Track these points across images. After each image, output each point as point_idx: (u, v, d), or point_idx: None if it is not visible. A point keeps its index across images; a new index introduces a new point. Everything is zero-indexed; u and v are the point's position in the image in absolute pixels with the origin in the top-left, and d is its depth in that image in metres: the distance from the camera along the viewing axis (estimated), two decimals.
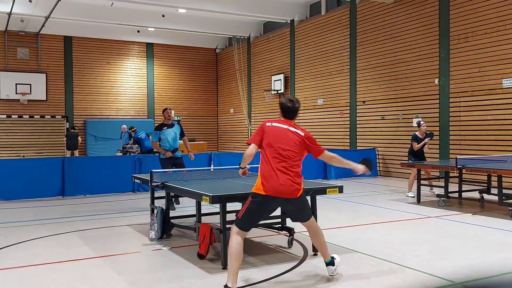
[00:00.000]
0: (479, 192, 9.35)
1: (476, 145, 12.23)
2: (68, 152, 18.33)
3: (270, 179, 4.41)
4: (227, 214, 5.20)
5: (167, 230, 6.53)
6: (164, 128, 9.03)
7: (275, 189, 4.39)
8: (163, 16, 19.76)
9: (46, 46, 21.39)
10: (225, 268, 4.90)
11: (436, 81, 13.22)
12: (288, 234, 6.00)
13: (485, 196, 9.39)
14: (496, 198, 8.31)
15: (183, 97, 24.44)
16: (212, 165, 12.06)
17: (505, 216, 7.84)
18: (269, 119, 4.77)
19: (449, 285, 4.59)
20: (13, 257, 5.64)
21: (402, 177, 13.79)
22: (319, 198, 6.87)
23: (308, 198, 5.00)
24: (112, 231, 7.11)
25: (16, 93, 20.48)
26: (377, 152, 14.97)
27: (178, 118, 23.88)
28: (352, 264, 5.17)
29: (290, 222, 5.86)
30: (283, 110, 4.67)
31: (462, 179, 9.07)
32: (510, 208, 7.93)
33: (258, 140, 4.59)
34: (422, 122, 10.46)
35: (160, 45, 23.73)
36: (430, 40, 13.44)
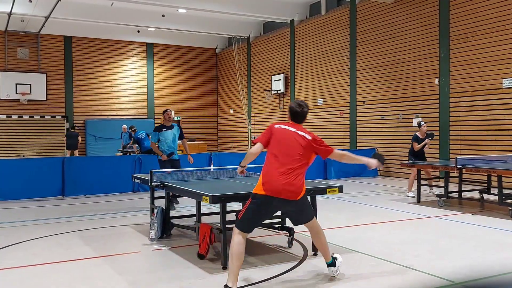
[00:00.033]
0: (479, 192, 9.35)
1: (476, 145, 12.23)
2: (67, 152, 18.24)
3: (270, 180, 4.41)
4: (227, 214, 5.20)
5: (167, 230, 6.53)
6: (164, 129, 9.01)
7: (275, 190, 4.38)
8: (163, 16, 19.76)
9: (46, 46, 21.39)
10: (225, 268, 4.90)
11: (436, 81, 13.22)
12: (288, 234, 6.00)
13: (485, 196, 9.39)
14: (496, 198, 8.31)
15: (183, 97, 24.44)
16: (212, 165, 12.06)
17: (505, 216, 7.84)
18: (277, 122, 4.80)
19: (449, 285, 4.59)
20: (13, 257, 5.64)
21: (402, 177, 13.79)
22: (319, 198, 6.87)
23: (308, 198, 5.00)
24: (112, 231, 7.11)
25: (16, 93, 20.48)
26: (377, 152, 14.95)
27: (178, 118, 23.89)
28: (352, 264, 5.17)
29: (290, 222, 5.88)
30: (292, 114, 4.71)
31: (462, 179, 9.07)
32: (510, 208, 7.93)
33: (265, 141, 4.62)
34: (422, 123, 10.45)
35: (160, 45, 23.74)
36: (430, 40, 13.44)
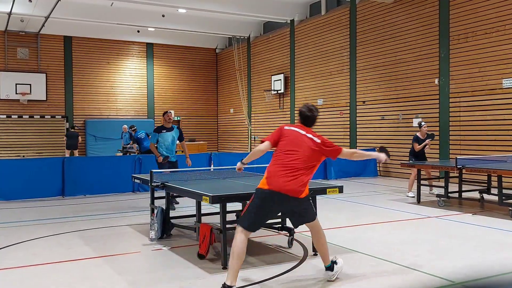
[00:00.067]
0: (479, 192, 9.35)
1: (476, 145, 12.24)
2: (67, 152, 18.17)
3: (274, 175, 4.46)
4: (227, 214, 5.20)
5: (167, 230, 6.53)
6: (163, 131, 9.00)
7: (278, 185, 4.41)
8: (163, 16, 19.76)
9: (46, 46, 21.39)
10: (225, 268, 4.90)
11: (436, 81, 13.22)
12: (288, 234, 6.00)
13: (485, 196, 9.38)
14: (496, 198, 8.31)
15: (183, 97, 24.44)
16: (212, 165, 12.06)
17: (505, 216, 7.84)
18: (287, 124, 4.85)
19: (449, 285, 4.59)
20: (13, 257, 5.64)
21: (402, 177, 13.80)
22: (319, 198, 6.87)
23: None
24: (112, 231, 7.11)
25: (16, 93, 20.48)
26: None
27: (178, 118, 23.90)
28: (352, 264, 5.16)
29: (291, 223, 5.88)
30: (302, 118, 4.81)
31: (462, 179, 9.07)
32: (510, 208, 7.93)
33: (274, 140, 4.67)
34: (423, 123, 10.44)
35: (160, 45, 23.74)
36: (430, 40, 13.44)
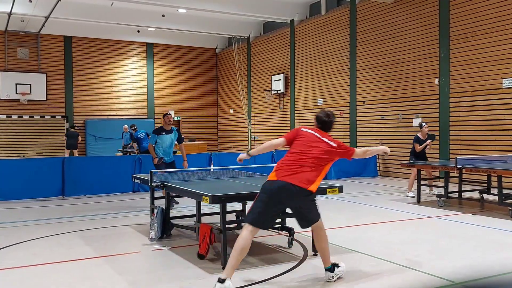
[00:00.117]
0: (479, 192, 9.35)
1: (476, 145, 12.24)
2: (67, 152, 18.13)
3: (280, 169, 4.55)
4: (227, 214, 5.20)
5: (167, 230, 6.53)
6: (162, 133, 9.00)
7: (284, 174, 4.48)
8: (163, 16, 19.76)
9: (46, 46, 21.39)
10: (225, 268, 4.89)
11: (436, 81, 13.22)
12: (288, 234, 6.00)
13: (485, 196, 9.38)
14: (496, 198, 8.31)
15: (183, 97, 24.44)
16: (212, 165, 12.06)
17: (505, 216, 7.84)
18: (305, 126, 4.94)
19: (449, 285, 4.59)
20: (14, 257, 5.64)
21: (402, 177, 13.80)
22: (319, 198, 6.85)
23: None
24: (112, 231, 7.12)
25: (16, 93, 20.48)
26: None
27: (178, 118, 23.91)
28: (352, 264, 5.16)
29: (290, 222, 5.88)
30: (320, 123, 4.88)
31: (462, 179, 9.07)
32: (510, 208, 7.93)
33: (289, 139, 4.77)
34: (424, 124, 10.43)
35: (160, 45, 23.74)
36: (430, 40, 13.44)
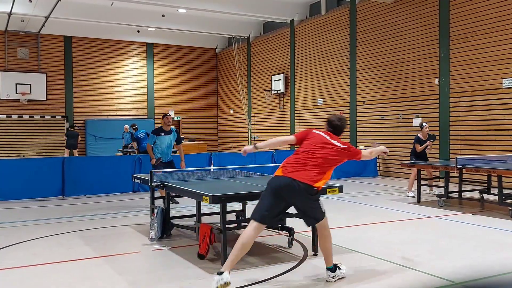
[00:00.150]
0: (479, 192, 9.35)
1: (476, 145, 12.24)
2: (66, 151, 18.09)
3: (290, 166, 4.58)
4: (227, 214, 5.20)
5: (167, 230, 6.53)
6: (162, 134, 9.01)
7: (291, 172, 4.51)
8: (163, 16, 19.76)
9: (46, 46, 21.39)
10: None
11: (436, 81, 13.22)
12: (288, 234, 6.00)
13: (485, 196, 9.38)
14: (496, 198, 8.31)
15: (183, 97, 24.44)
16: (212, 165, 12.06)
17: (505, 216, 7.84)
18: (316, 128, 4.98)
19: (449, 285, 4.59)
20: (13, 257, 5.64)
21: (402, 177, 13.80)
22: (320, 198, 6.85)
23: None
24: (112, 231, 7.12)
25: (16, 93, 20.47)
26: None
27: (178, 118, 23.91)
28: (352, 264, 5.16)
29: (290, 222, 5.89)
30: (332, 126, 4.89)
31: (462, 179, 9.07)
32: (510, 208, 7.93)
33: (299, 138, 4.84)
34: (424, 124, 10.42)
35: (160, 45, 23.73)
36: (430, 40, 13.44)
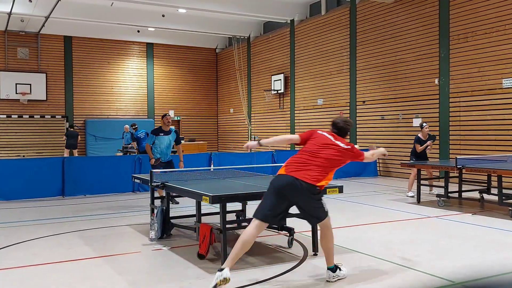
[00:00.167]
0: (479, 192, 9.35)
1: (476, 145, 12.24)
2: (66, 151, 18.06)
3: (292, 165, 4.60)
4: (227, 214, 5.20)
5: (167, 230, 6.53)
6: (161, 134, 9.01)
7: (293, 171, 4.52)
8: (163, 16, 19.75)
9: (46, 46, 21.39)
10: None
11: (436, 81, 13.22)
12: (288, 234, 6.00)
13: (485, 196, 9.38)
14: (496, 198, 8.31)
15: (183, 97, 24.44)
16: (212, 165, 12.06)
17: (505, 216, 7.84)
18: (320, 129, 4.97)
19: (449, 285, 4.59)
20: (13, 257, 5.65)
21: (402, 177, 13.80)
22: None
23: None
24: (112, 231, 7.12)
25: (16, 93, 20.47)
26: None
27: (178, 118, 23.90)
28: (352, 264, 5.17)
29: (290, 222, 5.88)
30: (337, 128, 4.88)
31: (462, 179, 9.07)
32: (510, 208, 7.93)
33: (303, 138, 4.84)
34: (424, 124, 10.42)
35: (160, 45, 23.73)
36: (430, 40, 13.44)
